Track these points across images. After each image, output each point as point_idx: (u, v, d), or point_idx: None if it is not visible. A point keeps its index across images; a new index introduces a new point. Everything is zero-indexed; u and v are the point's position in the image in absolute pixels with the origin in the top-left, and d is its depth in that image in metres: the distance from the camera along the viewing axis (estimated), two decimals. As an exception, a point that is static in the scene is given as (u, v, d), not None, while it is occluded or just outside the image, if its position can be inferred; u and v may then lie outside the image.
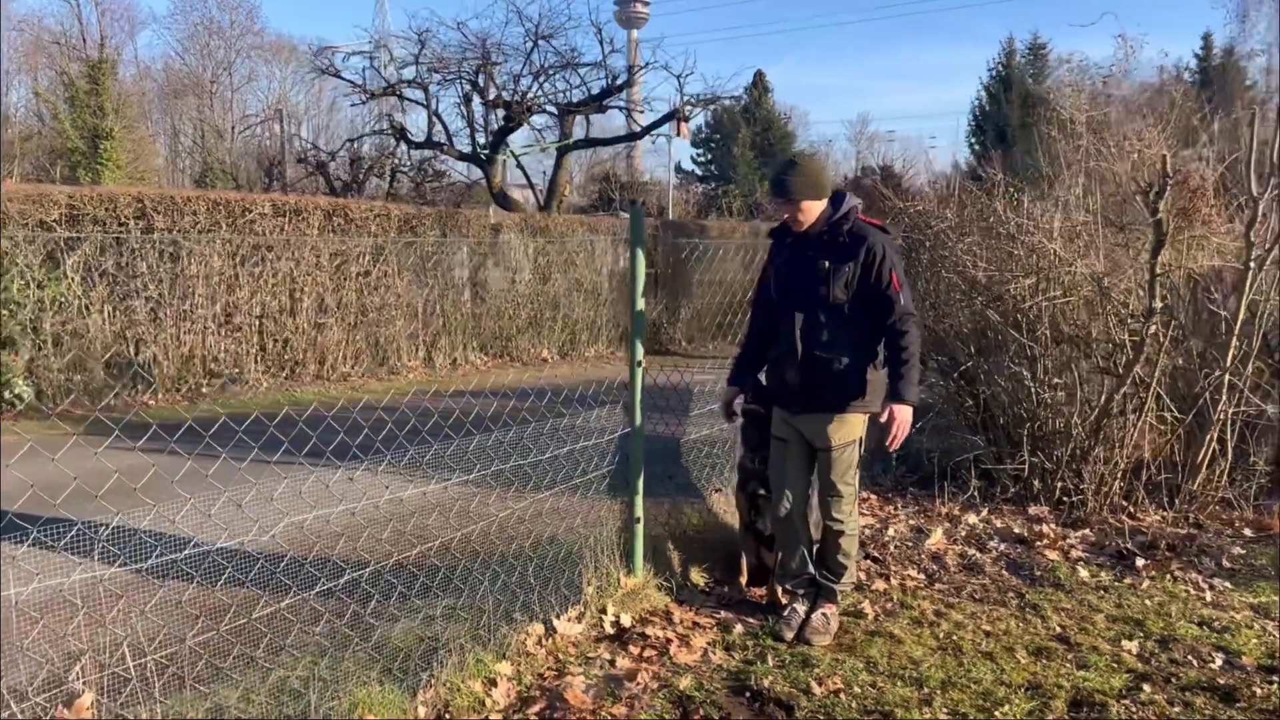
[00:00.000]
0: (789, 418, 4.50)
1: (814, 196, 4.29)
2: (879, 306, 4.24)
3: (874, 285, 4.22)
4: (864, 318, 4.28)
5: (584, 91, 19.73)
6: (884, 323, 4.24)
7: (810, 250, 4.34)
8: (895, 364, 4.22)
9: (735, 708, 3.81)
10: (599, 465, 5.26)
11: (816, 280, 4.28)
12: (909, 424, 4.21)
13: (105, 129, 37.73)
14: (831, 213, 4.33)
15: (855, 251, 4.24)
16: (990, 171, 6.87)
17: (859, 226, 4.30)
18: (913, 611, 4.82)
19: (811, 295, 4.30)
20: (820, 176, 4.34)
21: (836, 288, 4.24)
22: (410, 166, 23.03)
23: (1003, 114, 47.08)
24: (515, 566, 4.38)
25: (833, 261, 4.26)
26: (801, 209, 4.28)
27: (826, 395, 4.34)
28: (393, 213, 13.26)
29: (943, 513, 6.41)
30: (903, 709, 3.78)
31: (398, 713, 3.51)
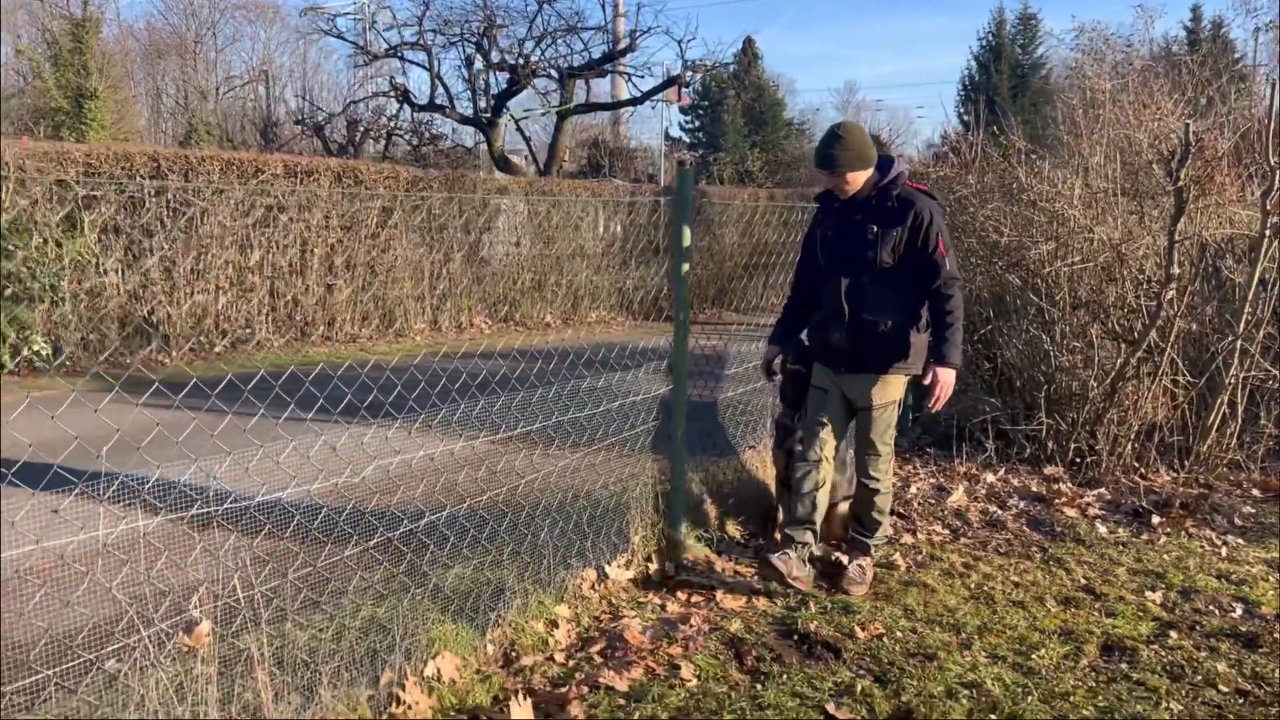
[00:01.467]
0: (833, 375, 4.60)
1: (860, 167, 4.36)
2: (925, 271, 4.32)
3: (920, 250, 4.30)
4: (909, 281, 4.36)
5: (585, 56, 19.70)
6: (929, 287, 4.33)
7: (858, 215, 4.41)
8: (939, 327, 4.32)
9: (785, 649, 3.99)
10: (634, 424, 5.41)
11: (864, 244, 4.36)
12: (951, 386, 4.34)
13: (90, 89, 37.20)
14: (879, 178, 4.40)
15: (903, 216, 4.31)
16: (1013, 138, 7.01)
17: (907, 192, 4.38)
18: (943, 564, 5.01)
19: (859, 259, 4.38)
20: (865, 146, 4.39)
21: (884, 252, 4.32)
22: (407, 129, 22.96)
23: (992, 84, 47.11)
24: (571, 515, 4.53)
25: (881, 226, 4.33)
26: (848, 180, 4.37)
27: (872, 357, 4.43)
28: (401, 175, 13.29)
29: (961, 472, 6.60)
30: (944, 651, 3.97)
31: (469, 650, 3.67)
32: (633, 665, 3.77)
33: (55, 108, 37.41)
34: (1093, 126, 6.84)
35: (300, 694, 3.05)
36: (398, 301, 13.02)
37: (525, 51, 19.30)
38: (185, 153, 11.13)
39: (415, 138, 22.72)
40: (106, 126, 37.54)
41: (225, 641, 2.92)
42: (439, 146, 22.70)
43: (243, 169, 11.16)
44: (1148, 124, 6.67)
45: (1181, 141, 5.87)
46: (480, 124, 20.45)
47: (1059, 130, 7.44)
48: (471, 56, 19.72)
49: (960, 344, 4.37)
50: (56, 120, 37.03)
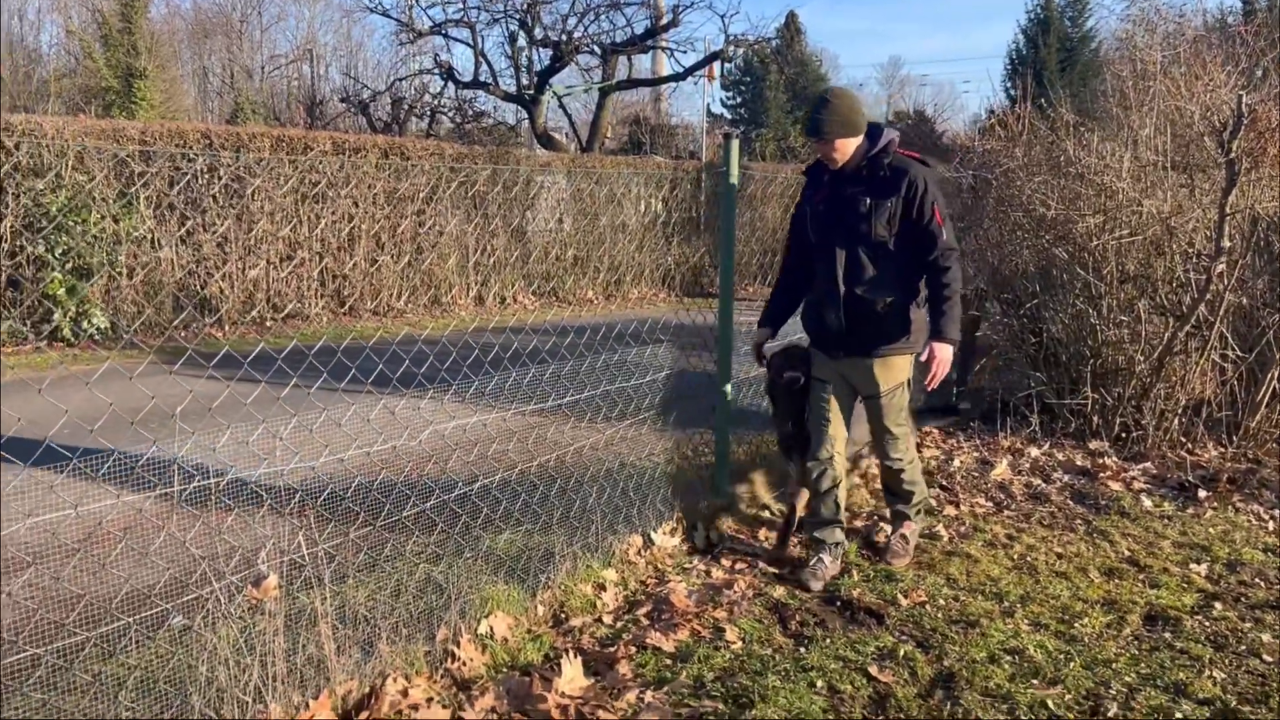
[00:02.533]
0: (831, 361, 4.40)
1: (849, 134, 4.11)
2: (921, 242, 4.12)
3: (916, 220, 4.10)
4: (906, 255, 4.16)
5: (628, 31, 19.67)
6: (925, 259, 4.13)
7: (849, 187, 4.18)
8: (937, 301, 4.12)
9: (829, 615, 4.06)
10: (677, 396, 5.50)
11: (857, 217, 4.15)
12: (949, 363, 4.14)
13: (139, 68, 37.69)
14: (869, 147, 4.17)
15: (896, 186, 4.10)
16: (1061, 111, 6.94)
17: (899, 160, 4.16)
18: (985, 535, 5.04)
19: (852, 233, 4.17)
20: (854, 112, 4.13)
21: (878, 224, 4.11)
22: (450, 107, 23.09)
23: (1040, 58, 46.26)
24: (618, 482, 4.62)
25: (873, 197, 4.12)
26: (836, 147, 4.12)
27: (870, 338, 4.23)
28: (446, 152, 13.41)
29: (1005, 446, 6.60)
30: (986, 619, 4.01)
31: (520, 610, 3.79)
32: (678, 628, 3.86)
33: (106, 87, 37.98)
34: (1143, 98, 6.75)
35: (360, 648, 3.18)
36: (443, 277, 13.17)
37: (568, 28, 19.33)
38: (237, 129, 11.34)
39: (459, 115, 22.85)
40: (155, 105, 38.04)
41: (290, 596, 3.05)
42: (482, 124, 22.81)
43: (292, 146, 11.34)
44: (1200, 95, 6.58)
45: (1234, 113, 5.80)
46: (523, 101, 20.53)
47: (1108, 103, 7.35)
48: (515, 33, 19.80)
49: (959, 318, 4.18)
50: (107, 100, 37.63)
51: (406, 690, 3.20)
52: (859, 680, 3.48)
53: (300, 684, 2.97)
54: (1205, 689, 3.44)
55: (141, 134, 10.14)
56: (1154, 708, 3.32)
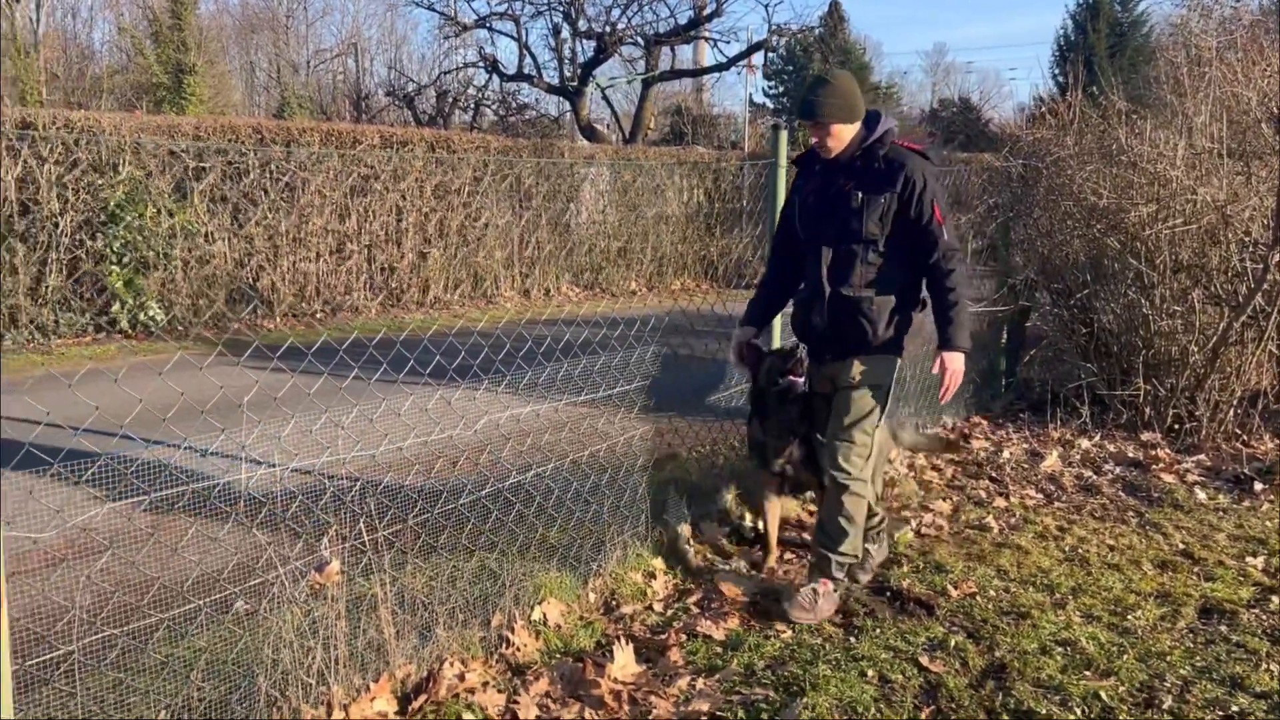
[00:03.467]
0: (819, 369, 4.05)
1: (846, 119, 3.77)
2: (919, 243, 3.77)
3: (914, 219, 3.75)
4: (901, 255, 3.82)
5: (671, 22, 19.68)
6: (926, 261, 3.78)
7: (841, 179, 3.84)
8: (942, 307, 3.77)
9: (878, 605, 4.07)
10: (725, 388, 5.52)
11: (848, 213, 3.80)
12: (962, 373, 3.78)
13: (188, 64, 38.32)
14: (865, 136, 3.82)
15: (892, 180, 3.75)
16: (1112, 99, 6.85)
17: (896, 152, 3.82)
18: (1036, 527, 5.02)
19: (842, 230, 3.82)
20: (854, 96, 3.79)
21: (870, 221, 3.76)
22: (494, 100, 23.24)
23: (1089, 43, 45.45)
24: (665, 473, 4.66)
25: (866, 191, 3.77)
26: (832, 133, 3.77)
27: (853, 340, 3.88)
28: (491, 144, 13.52)
29: (1055, 437, 6.55)
30: (1038, 610, 4.00)
31: (572, 597, 3.85)
32: (728, 616, 3.90)
33: (156, 83, 38.67)
34: (1198, 85, 6.64)
35: (418, 633, 3.26)
36: (489, 269, 13.29)
37: (612, 19, 19.37)
38: (287, 124, 11.51)
39: (502, 107, 22.98)
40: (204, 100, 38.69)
41: (352, 582, 3.13)
42: (525, 116, 22.94)
43: (341, 139, 11.50)
44: (1257, 81, 6.46)
45: (1293, 99, 5.69)
46: (567, 93, 20.61)
47: (1161, 90, 7.24)
48: (559, 25, 19.88)
49: (968, 324, 3.81)
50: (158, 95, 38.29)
51: (463, 674, 3.27)
52: (910, 670, 3.50)
53: (361, 667, 3.05)
54: (1262, 682, 3.41)
55: (196, 129, 10.36)
56: (1210, 700, 3.29)
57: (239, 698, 2.75)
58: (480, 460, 4.01)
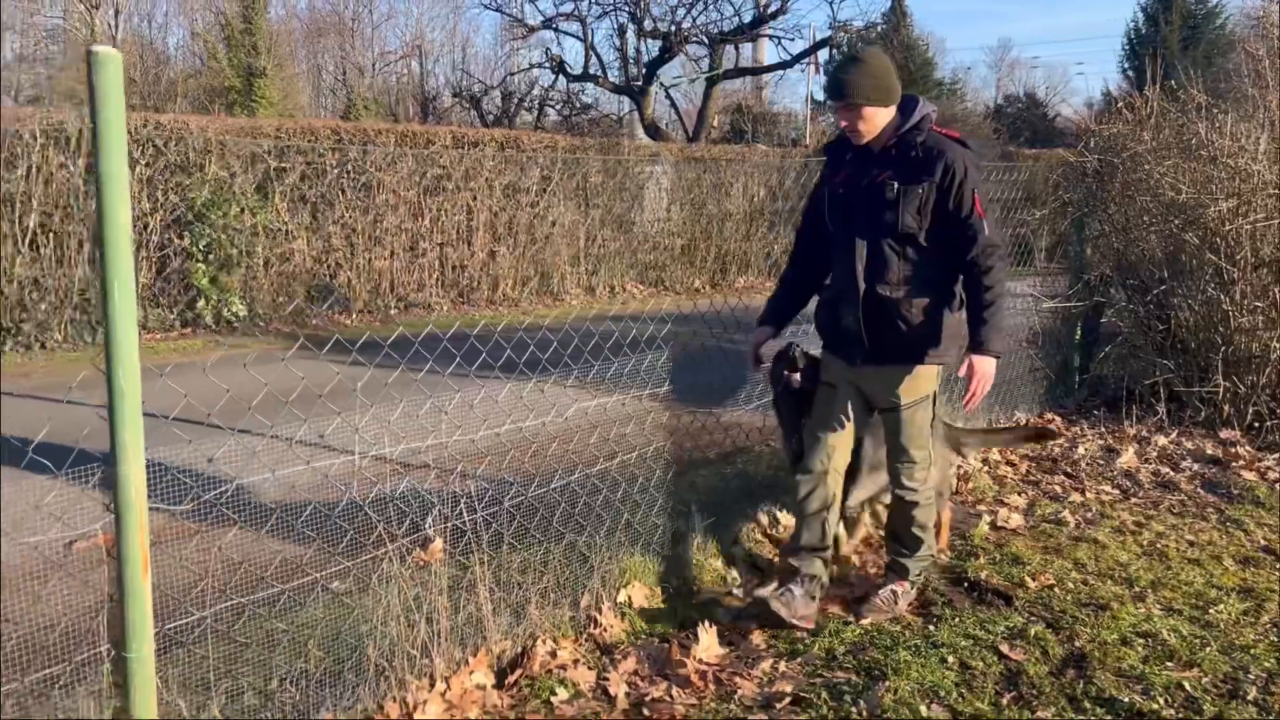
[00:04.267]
0: (847, 368, 3.79)
1: (880, 102, 3.53)
2: (958, 237, 3.53)
3: (953, 211, 3.51)
4: (939, 250, 3.59)
5: (735, 21, 19.74)
6: (964, 257, 3.53)
7: (875, 168, 3.60)
8: (977, 306, 3.53)
9: (956, 595, 4.12)
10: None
11: (883, 205, 3.56)
12: (991, 378, 3.55)
13: (259, 67, 39.22)
14: (900, 122, 3.58)
15: (930, 169, 3.51)
16: (1191, 92, 6.78)
17: (934, 139, 3.57)
18: (1113, 521, 5.02)
19: (876, 223, 3.58)
20: (888, 76, 3.54)
21: (907, 214, 3.53)
22: (558, 100, 23.52)
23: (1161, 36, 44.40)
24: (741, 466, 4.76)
25: (902, 182, 3.53)
26: (864, 116, 3.53)
27: (892, 344, 3.64)
28: (559, 144, 13.73)
29: (1131, 434, 6.51)
30: (1117, 603, 4.02)
31: (655, 580, 3.96)
32: (812, 603, 3.99)
33: (228, 86, 39.66)
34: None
35: (512, 611, 3.40)
36: (555, 266, 13.49)
37: (677, 19, 19.50)
38: (364, 125, 11.83)
39: (566, 107, 23.24)
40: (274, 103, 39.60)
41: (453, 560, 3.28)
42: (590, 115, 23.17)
43: (415, 140, 11.79)
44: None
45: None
46: (631, 92, 20.81)
47: (1241, 82, 7.13)
48: (624, 25, 20.06)
49: (1003, 326, 3.58)
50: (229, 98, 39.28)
51: (555, 651, 3.41)
52: (990, 657, 3.55)
53: (460, 641, 3.20)
54: (1349, 676, 3.41)
55: (277, 131, 10.70)
56: (1295, 692, 3.30)
57: (351, 666, 2.91)
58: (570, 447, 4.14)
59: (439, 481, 3.68)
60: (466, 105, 23.77)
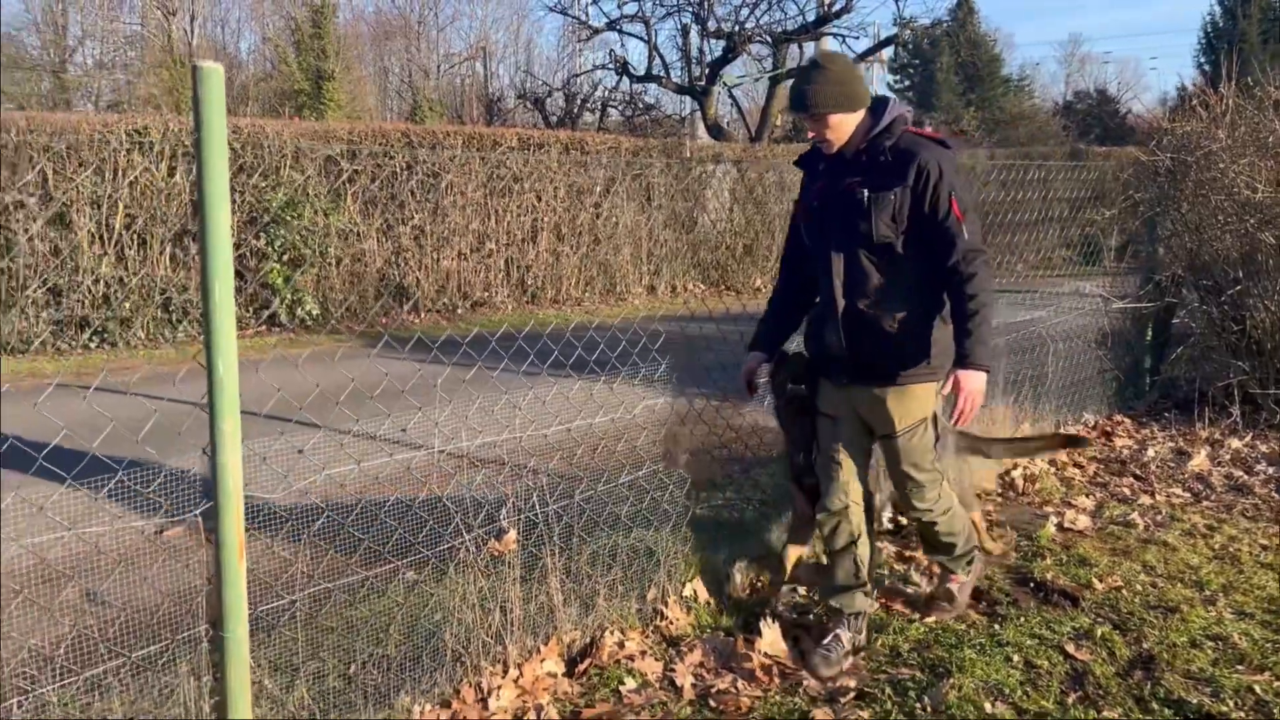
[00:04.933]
0: (837, 390, 3.62)
1: (845, 108, 3.35)
2: (936, 243, 3.32)
3: (928, 215, 3.31)
4: (920, 259, 3.37)
5: (799, 20, 19.71)
6: (944, 264, 3.31)
7: (847, 176, 3.41)
8: (960, 317, 3.30)
9: (1022, 595, 4.13)
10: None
11: (856, 214, 3.36)
12: (981, 394, 3.29)
13: (327, 70, 40.04)
14: (871, 125, 3.40)
15: (902, 173, 3.31)
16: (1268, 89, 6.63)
17: (907, 141, 3.36)
18: (1183, 524, 4.96)
19: (851, 234, 3.39)
20: (852, 82, 3.38)
21: (880, 222, 3.32)
22: (620, 100, 23.68)
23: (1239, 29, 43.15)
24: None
25: (874, 188, 3.33)
26: (830, 125, 3.35)
27: (879, 362, 3.45)
28: (623, 145, 13.86)
29: (1203, 436, 6.41)
30: (1186, 605, 3.99)
31: (722, 576, 4.03)
32: (873, 600, 4.03)
33: (297, 89, 40.56)
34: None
35: (581, 602, 3.50)
36: (618, 266, 13.62)
37: (741, 18, 19.54)
38: (432, 128, 12.08)
39: (630, 108, 23.39)
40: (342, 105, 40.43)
41: (526, 551, 3.39)
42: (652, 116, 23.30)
43: (482, 142, 12.00)
44: None
45: None
46: (694, 92, 20.88)
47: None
48: (688, 26, 20.13)
49: (990, 338, 3.32)
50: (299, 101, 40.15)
51: (622, 642, 3.50)
52: (1055, 657, 3.56)
53: (532, 630, 3.31)
54: None
55: (349, 134, 10.99)
56: (1371, 699, 3.26)
57: (428, 652, 3.03)
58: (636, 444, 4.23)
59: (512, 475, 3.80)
60: (530, 107, 24.07)
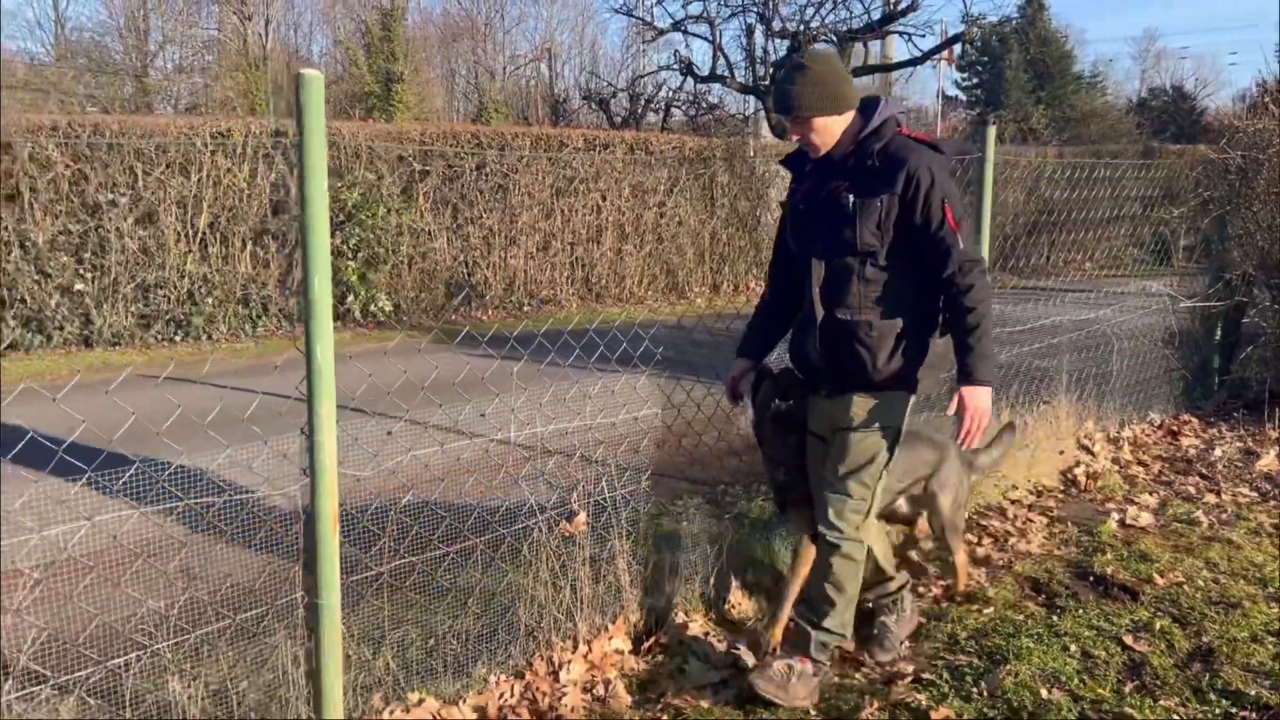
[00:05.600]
0: (820, 404, 3.41)
1: (830, 110, 3.17)
2: (929, 254, 3.13)
3: (920, 225, 3.11)
4: (907, 269, 3.18)
5: (865, 19, 19.67)
6: (940, 275, 3.13)
7: (834, 180, 3.23)
8: (961, 332, 3.12)
9: (1081, 589, 4.18)
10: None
11: (840, 220, 3.17)
12: (987, 413, 3.11)
13: (397, 73, 40.79)
14: (860, 127, 3.22)
15: (890, 179, 3.12)
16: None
17: (897, 145, 3.17)
18: (1249, 523, 4.95)
19: (835, 240, 3.19)
20: (838, 82, 3.18)
21: (865, 229, 3.12)
22: (684, 101, 23.82)
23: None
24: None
25: (860, 194, 3.14)
26: (815, 128, 3.19)
27: (856, 375, 3.23)
28: (687, 145, 14.00)
29: (1273, 436, 6.34)
30: (1249, 602, 4.00)
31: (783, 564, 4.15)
32: (929, 590, 4.12)
33: (368, 91, 41.40)
34: None
35: (645, 583, 3.65)
36: (681, 265, 13.76)
37: (806, 18, 19.56)
38: (501, 130, 12.35)
39: (694, 108, 23.52)
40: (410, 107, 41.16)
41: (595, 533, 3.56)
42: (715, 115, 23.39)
43: (549, 143, 12.24)
44: None
45: None
46: (758, 92, 20.95)
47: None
48: (752, 26, 20.21)
49: (992, 352, 3.15)
50: (368, 103, 40.97)
51: (686, 624, 3.64)
52: (1113, 648, 3.62)
53: (600, 608, 3.46)
54: None
55: (421, 135, 11.30)
56: None
57: (504, 625, 3.21)
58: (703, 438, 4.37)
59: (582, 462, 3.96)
60: (595, 107, 24.32)
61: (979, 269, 3.13)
